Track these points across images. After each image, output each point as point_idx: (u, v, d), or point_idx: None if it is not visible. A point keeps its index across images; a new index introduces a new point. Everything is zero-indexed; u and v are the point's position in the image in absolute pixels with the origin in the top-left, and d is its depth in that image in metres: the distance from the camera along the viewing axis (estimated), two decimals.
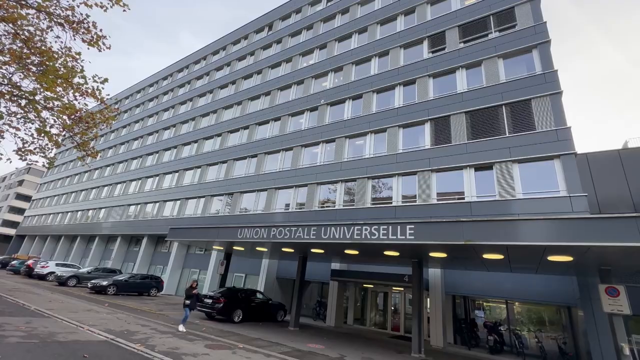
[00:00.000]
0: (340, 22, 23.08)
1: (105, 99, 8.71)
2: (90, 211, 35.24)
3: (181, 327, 10.28)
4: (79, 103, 8.48)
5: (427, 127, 16.04)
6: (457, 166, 14.33)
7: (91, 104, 9.33)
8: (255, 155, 22.72)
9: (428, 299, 13.98)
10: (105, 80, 8.30)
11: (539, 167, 12.75)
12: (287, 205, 19.38)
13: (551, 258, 8.49)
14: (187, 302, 10.67)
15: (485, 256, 9.41)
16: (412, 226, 8.97)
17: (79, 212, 36.84)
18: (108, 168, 37.22)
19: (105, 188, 35.24)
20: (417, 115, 16.49)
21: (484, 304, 15.18)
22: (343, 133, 18.76)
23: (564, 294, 11.79)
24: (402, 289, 15.68)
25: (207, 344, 8.80)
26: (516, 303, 14.23)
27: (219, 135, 26.52)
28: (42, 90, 7.91)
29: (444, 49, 17.27)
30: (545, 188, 12.26)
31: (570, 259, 8.31)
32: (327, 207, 17.65)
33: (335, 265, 16.52)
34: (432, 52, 17.70)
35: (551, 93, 13.28)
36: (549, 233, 7.44)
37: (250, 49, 28.91)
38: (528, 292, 12.45)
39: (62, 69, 7.78)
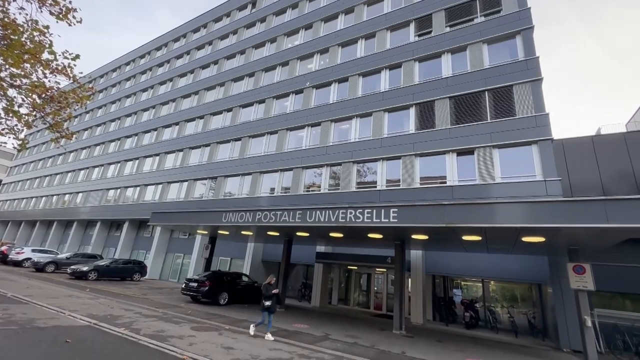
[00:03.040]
0: (326, 1, 22.42)
1: (77, 78, 8.23)
2: (67, 195, 33.93)
3: (253, 331, 8.53)
4: (49, 81, 7.97)
5: (412, 111, 16.14)
6: (441, 151, 14.59)
7: (63, 82, 8.77)
8: (239, 139, 22.29)
9: (409, 279, 14.51)
10: (77, 56, 7.82)
11: (517, 152, 13.15)
12: (272, 189, 19.31)
13: (525, 239, 8.94)
14: (267, 303, 8.40)
15: (465, 238, 9.79)
16: (396, 209, 9.17)
17: (54, 197, 35.41)
18: (84, 151, 35.65)
19: (82, 172, 33.87)
20: (402, 100, 16.52)
21: (462, 283, 15.92)
22: (329, 117, 18.62)
23: (535, 272, 12.51)
24: (385, 270, 16.17)
25: (193, 326, 8.88)
26: (492, 282, 15.02)
27: (201, 117, 25.75)
28: (7, 66, 7.38)
29: (430, 32, 17.17)
30: (522, 172, 12.71)
31: (542, 239, 8.77)
32: (312, 191, 17.71)
33: (320, 248, 16.78)
34: (419, 35, 17.57)
35: (532, 80, 13.56)
36: (524, 215, 7.79)
37: (232, 27, 27.76)
38: (503, 272, 13.15)
39: (28, 43, 7.25)
